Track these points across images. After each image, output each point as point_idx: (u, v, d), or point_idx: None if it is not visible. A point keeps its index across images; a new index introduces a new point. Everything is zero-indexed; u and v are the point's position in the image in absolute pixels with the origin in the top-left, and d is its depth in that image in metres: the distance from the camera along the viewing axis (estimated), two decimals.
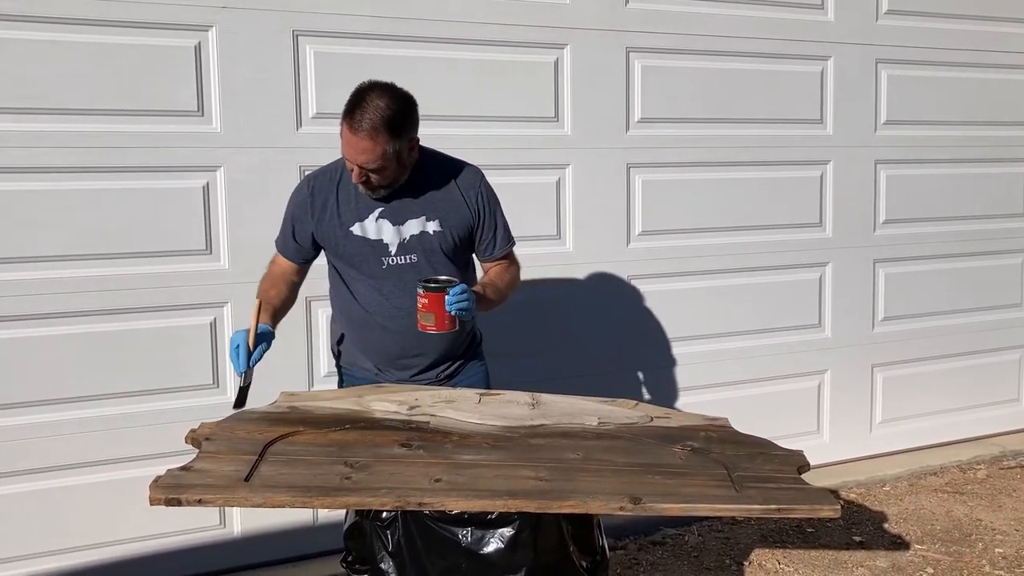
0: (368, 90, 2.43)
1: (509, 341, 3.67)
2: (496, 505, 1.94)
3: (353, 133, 2.40)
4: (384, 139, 2.40)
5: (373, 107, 2.39)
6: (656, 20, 3.88)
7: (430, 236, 2.59)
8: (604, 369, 3.88)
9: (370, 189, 2.52)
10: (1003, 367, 4.88)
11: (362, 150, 2.41)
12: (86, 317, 3.13)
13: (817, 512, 1.97)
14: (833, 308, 4.40)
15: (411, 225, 2.58)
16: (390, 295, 2.59)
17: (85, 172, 3.08)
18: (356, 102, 2.41)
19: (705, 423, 2.49)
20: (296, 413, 2.37)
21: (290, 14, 3.28)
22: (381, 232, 2.57)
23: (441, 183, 2.62)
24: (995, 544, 3.68)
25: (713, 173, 4.07)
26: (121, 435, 3.20)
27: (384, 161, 2.44)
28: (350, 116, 2.40)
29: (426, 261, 2.59)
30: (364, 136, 2.39)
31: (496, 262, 2.74)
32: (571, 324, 3.83)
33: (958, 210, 4.66)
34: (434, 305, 2.44)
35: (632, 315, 3.96)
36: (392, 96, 2.44)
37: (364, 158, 2.42)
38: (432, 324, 2.46)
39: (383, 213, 2.57)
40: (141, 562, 3.25)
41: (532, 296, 3.73)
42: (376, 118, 2.38)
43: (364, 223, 2.57)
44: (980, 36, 4.58)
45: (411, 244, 2.58)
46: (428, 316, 2.46)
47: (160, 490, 1.86)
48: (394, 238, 2.57)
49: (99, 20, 3.05)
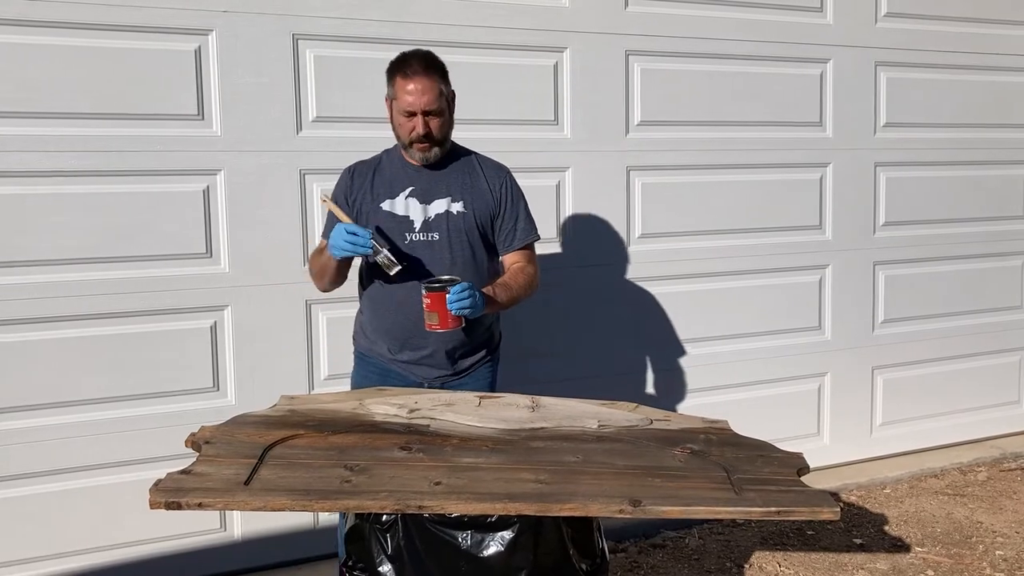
0: (401, 56, 2.67)
1: (509, 344, 3.68)
2: (496, 508, 1.94)
3: (410, 78, 2.60)
4: (437, 77, 2.63)
5: (419, 55, 2.64)
6: (655, 23, 3.89)
7: (454, 216, 2.70)
8: (604, 372, 3.88)
9: (428, 143, 2.65)
10: (1003, 369, 4.88)
11: (423, 90, 2.60)
12: (87, 321, 3.13)
13: (817, 514, 1.97)
14: (833, 310, 4.41)
15: (437, 204, 2.70)
16: (411, 271, 2.65)
17: (86, 176, 3.09)
18: (401, 60, 2.65)
19: (705, 425, 2.49)
20: (296, 416, 2.38)
21: (290, 18, 3.29)
22: (408, 209, 2.69)
23: (470, 170, 2.77)
24: (996, 546, 3.67)
25: (713, 176, 4.08)
26: (121, 439, 3.20)
27: (441, 103, 2.63)
28: (401, 69, 2.62)
29: (448, 240, 2.69)
30: (422, 76, 2.60)
31: (515, 254, 2.80)
32: (571, 327, 3.83)
33: (958, 212, 4.66)
34: (436, 304, 2.50)
35: (631, 318, 3.96)
36: (424, 51, 2.69)
37: (426, 98, 2.60)
38: (436, 323, 2.52)
39: (413, 192, 2.70)
40: (141, 566, 3.25)
41: (532, 299, 3.73)
42: (426, 61, 2.63)
43: (394, 200, 2.70)
44: (979, 38, 4.58)
45: (435, 222, 2.69)
46: (432, 315, 2.53)
47: (160, 494, 1.86)
48: (420, 215, 2.69)
49: (99, 24, 3.06)
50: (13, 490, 3.10)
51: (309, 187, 3.36)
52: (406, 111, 2.62)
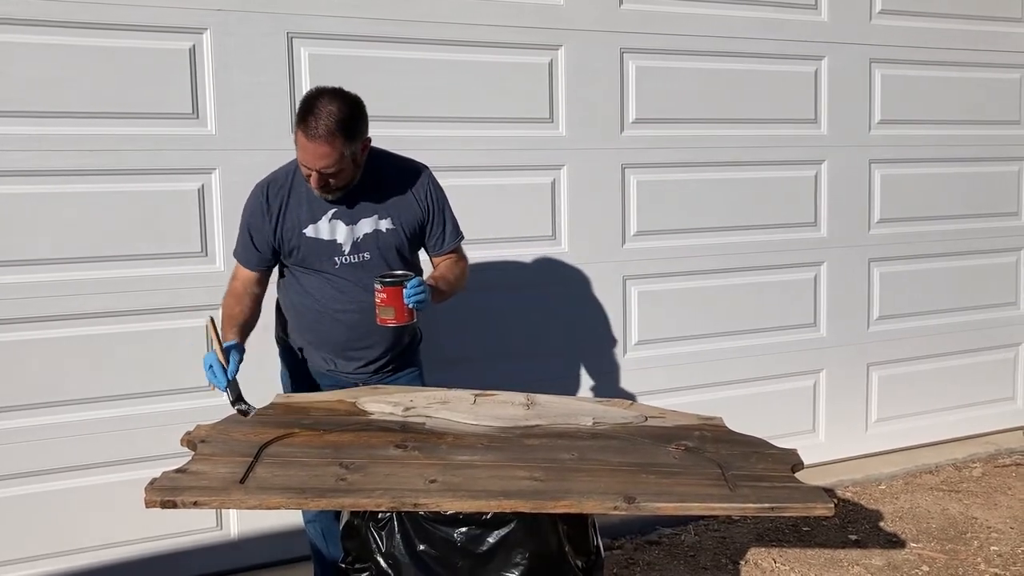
0: (318, 96, 2.49)
1: (505, 342, 3.68)
2: (491, 506, 1.95)
3: (310, 140, 2.45)
4: (340, 142, 2.46)
5: (326, 112, 2.44)
6: (650, 21, 3.89)
7: (383, 234, 2.67)
8: (599, 369, 3.89)
9: (327, 192, 2.58)
10: (998, 365, 4.89)
11: (320, 155, 2.46)
12: (81, 320, 3.12)
13: (811, 510, 1.98)
14: (828, 307, 4.41)
15: (364, 224, 2.66)
16: (344, 289, 2.66)
17: (81, 175, 3.09)
18: (308, 109, 2.46)
19: (700, 422, 2.49)
20: (291, 415, 2.38)
21: (284, 16, 3.29)
22: (335, 232, 2.64)
23: (392, 182, 2.69)
24: (990, 542, 3.69)
25: (708, 173, 4.08)
26: (116, 438, 3.20)
27: (341, 164, 2.50)
28: (304, 123, 2.45)
29: (380, 258, 2.67)
30: (321, 142, 2.44)
31: (445, 256, 2.81)
32: (566, 324, 3.84)
33: (952, 209, 4.67)
34: (392, 299, 2.50)
35: (627, 315, 3.96)
36: (343, 100, 2.49)
37: (323, 163, 2.47)
38: (392, 317, 2.52)
39: (336, 214, 2.64)
40: (137, 565, 3.25)
41: (527, 296, 3.74)
42: (331, 123, 2.43)
43: (317, 224, 2.64)
44: (973, 35, 4.59)
45: (364, 242, 2.66)
46: (387, 310, 2.52)
47: (156, 492, 1.86)
48: (348, 237, 2.65)
49: (94, 24, 3.05)
50: (8, 490, 3.09)
51: None
52: (301, 163, 2.53)
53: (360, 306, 2.62)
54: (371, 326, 2.57)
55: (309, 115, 2.44)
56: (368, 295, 2.55)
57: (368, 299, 2.55)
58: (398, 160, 2.75)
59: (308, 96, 2.51)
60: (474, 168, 3.59)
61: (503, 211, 3.67)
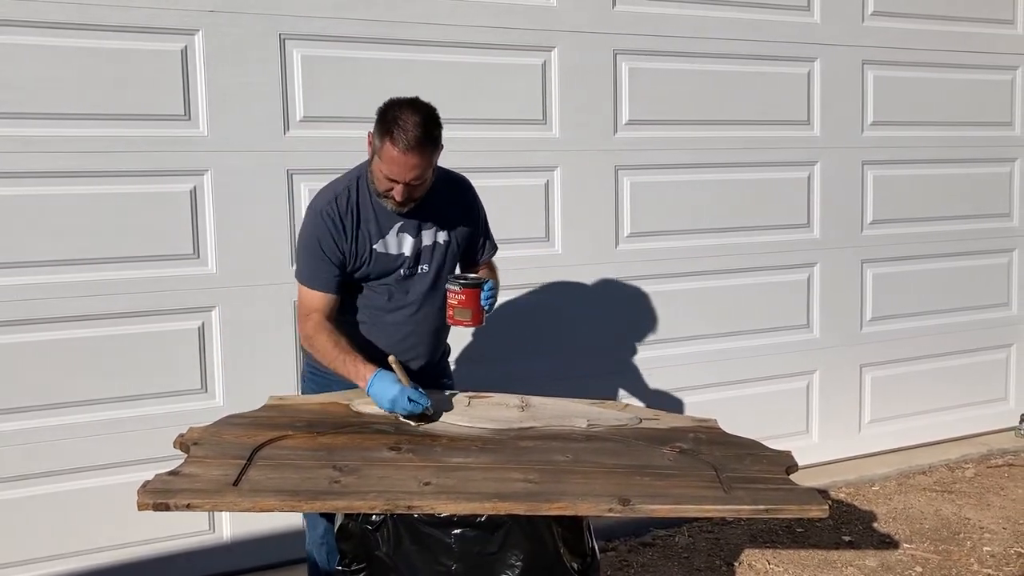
0: (400, 108, 2.44)
1: (498, 344, 3.68)
2: (485, 508, 1.94)
3: (402, 152, 2.40)
4: (430, 152, 2.45)
5: (413, 124, 2.40)
6: (643, 22, 3.89)
7: (440, 246, 2.66)
8: (593, 371, 3.88)
9: (407, 205, 2.53)
10: (991, 366, 4.91)
11: (411, 167, 2.42)
12: (74, 322, 3.11)
13: (805, 512, 1.98)
14: (821, 308, 4.42)
15: (426, 236, 2.64)
16: (400, 303, 2.63)
17: (72, 177, 3.07)
18: (393, 121, 2.42)
19: (694, 424, 2.50)
20: (284, 417, 2.37)
21: (276, 17, 3.28)
22: (401, 246, 2.61)
23: (445, 195, 2.67)
24: (983, 542, 3.69)
25: (701, 175, 4.08)
26: (109, 441, 3.18)
27: (426, 172, 2.48)
28: (392, 136, 2.40)
29: (435, 270, 2.65)
30: (413, 154, 2.40)
31: (481, 267, 2.82)
32: (560, 326, 3.83)
33: (945, 210, 4.68)
34: (471, 301, 2.52)
35: (621, 317, 3.96)
36: (425, 110, 2.46)
37: (413, 175, 2.44)
38: (468, 319, 2.54)
39: (402, 227, 2.60)
40: (130, 568, 3.23)
41: (521, 298, 3.74)
42: (419, 134, 2.40)
43: (386, 239, 2.60)
44: (966, 37, 4.60)
45: (425, 254, 2.64)
46: (464, 311, 2.53)
47: (148, 495, 1.85)
48: (412, 250, 2.62)
49: (86, 24, 3.03)
50: (1, 493, 3.08)
51: (296, 187, 3.35)
52: (387, 176, 2.47)
53: (411, 318, 2.62)
54: (419, 336, 2.60)
55: (395, 128, 2.40)
56: (421, 306, 2.59)
57: (420, 310, 2.58)
58: (444, 171, 2.69)
59: (388, 109, 2.46)
60: (467, 170, 3.55)
61: (496, 213, 3.65)
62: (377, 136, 2.46)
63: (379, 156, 2.46)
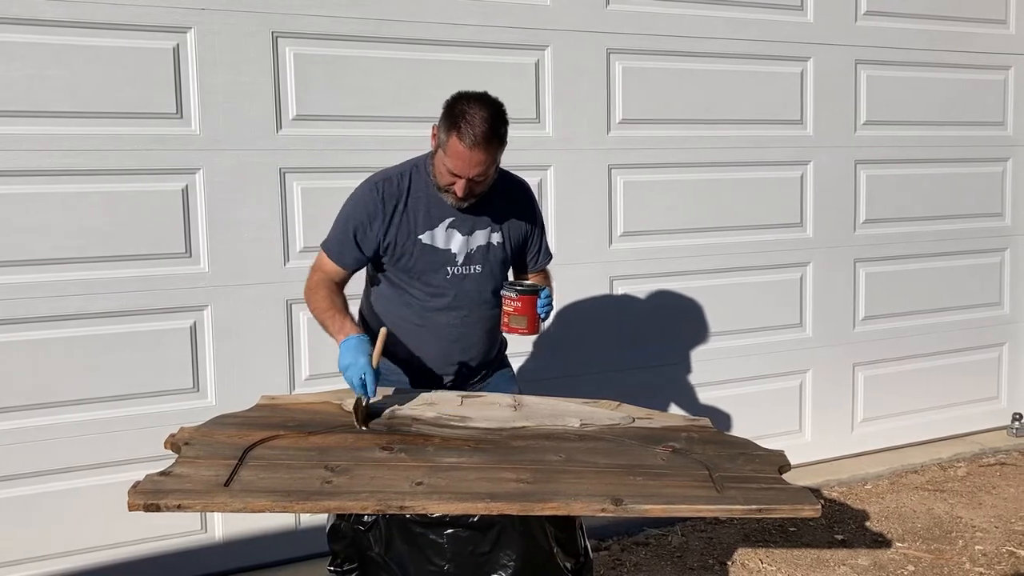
0: (467, 102, 2.42)
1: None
2: (478, 508, 1.94)
3: (470, 148, 2.38)
4: (496, 148, 2.43)
5: (480, 119, 2.38)
6: (637, 21, 3.89)
7: (494, 248, 2.62)
8: (586, 370, 3.88)
9: (467, 200, 2.50)
10: (983, 365, 4.92)
11: (476, 163, 2.41)
12: (65, 321, 3.10)
13: (798, 512, 1.98)
14: (814, 308, 4.42)
15: (478, 236, 2.60)
16: (450, 302, 2.59)
17: (63, 175, 3.06)
18: (460, 115, 2.39)
19: (687, 424, 2.49)
20: (276, 417, 2.36)
21: (269, 15, 3.27)
22: (450, 242, 2.57)
23: (504, 196, 2.64)
24: (975, 541, 3.70)
25: (694, 174, 4.08)
26: (99, 440, 3.17)
27: (491, 171, 2.47)
28: (458, 130, 2.38)
29: (488, 272, 2.62)
30: (479, 149, 2.38)
31: (535, 275, 2.77)
32: (553, 326, 3.83)
33: (937, 209, 4.69)
34: (527, 308, 2.48)
35: (614, 316, 3.96)
36: (492, 105, 2.44)
37: (477, 170, 2.42)
38: (524, 327, 2.49)
39: (453, 223, 2.57)
40: (120, 568, 3.22)
41: None
42: (486, 129, 2.38)
43: (434, 232, 2.56)
44: (958, 37, 4.61)
45: (476, 255, 2.60)
46: (520, 319, 2.48)
47: (139, 495, 1.84)
48: (462, 248, 2.58)
49: (76, 22, 3.02)
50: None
51: (289, 186, 3.34)
52: (451, 171, 2.44)
53: (464, 319, 2.59)
54: (473, 339, 2.58)
55: (462, 122, 2.38)
56: (473, 308, 2.56)
57: (473, 312, 2.56)
58: (504, 173, 2.66)
59: (456, 103, 2.43)
60: None
61: None
62: (443, 129, 2.43)
63: (443, 150, 2.44)
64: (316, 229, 3.38)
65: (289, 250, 3.36)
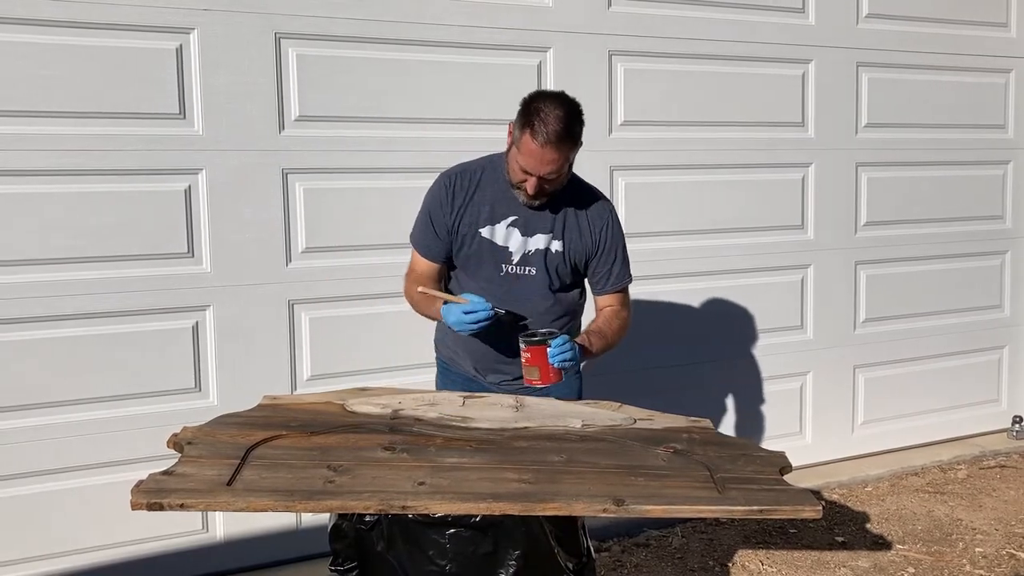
0: (543, 100, 2.43)
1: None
2: (480, 508, 1.94)
3: (542, 146, 2.39)
4: (568, 148, 2.43)
5: (555, 117, 2.39)
6: (639, 24, 3.89)
7: (552, 254, 2.61)
8: (586, 371, 3.88)
9: (537, 198, 2.52)
10: (984, 368, 4.92)
11: (548, 161, 2.42)
12: (67, 321, 3.10)
13: (799, 513, 1.98)
14: (815, 310, 4.43)
15: (538, 239, 2.60)
16: (502, 300, 2.59)
17: (66, 175, 3.06)
18: (535, 113, 2.40)
19: (688, 425, 2.49)
20: (278, 417, 2.36)
21: (272, 16, 3.27)
22: (509, 239, 2.59)
23: (574, 205, 2.63)
24: (975, 544, 3.70)
25: (696, 176, 4.09)
26: (102, 440, 3.17)
27: (563, 168, 2.47)
28: (532, 128, 2.39)
29: (544, 276, 2.62)
30: (552, 148, 2.39)
31: (608, 297, 2.73)
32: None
33: (938, 212, 4.69)
34: (536, 359, 2.45)
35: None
36: (569, 105, 2.44)
37: (548, 168, 2.43)
38: (537, 378, 2.47)
39: (515, 222, 2.58)
40: (123, 567, 3.23)
41: None
42: (560, 128, 2.38)
43: (495, 227, 2.58)
44: (959, 39, 4.62)
45: (533, 257, 2.61)
46: (532, 370, 2.47)
47: (142, 495, 1.84)
48: (519, 248, 2.59)
49: (80, 22, 3.03)
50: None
51: (291, 186, 3.35)
52: (523, 168, 2.46)
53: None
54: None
55: (536, 119, 2.38)
56: (524, 310, 2.56)
57: (523, 313, 2.56)
58: (584, 185, 2.67)
59: (532, 100, 2.44)
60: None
61: None
62: (518, 127, 2.45)
63: (517, 147, 2.45)
64: (318, 229, 3.40)
65: (291, 250, 3.37)
